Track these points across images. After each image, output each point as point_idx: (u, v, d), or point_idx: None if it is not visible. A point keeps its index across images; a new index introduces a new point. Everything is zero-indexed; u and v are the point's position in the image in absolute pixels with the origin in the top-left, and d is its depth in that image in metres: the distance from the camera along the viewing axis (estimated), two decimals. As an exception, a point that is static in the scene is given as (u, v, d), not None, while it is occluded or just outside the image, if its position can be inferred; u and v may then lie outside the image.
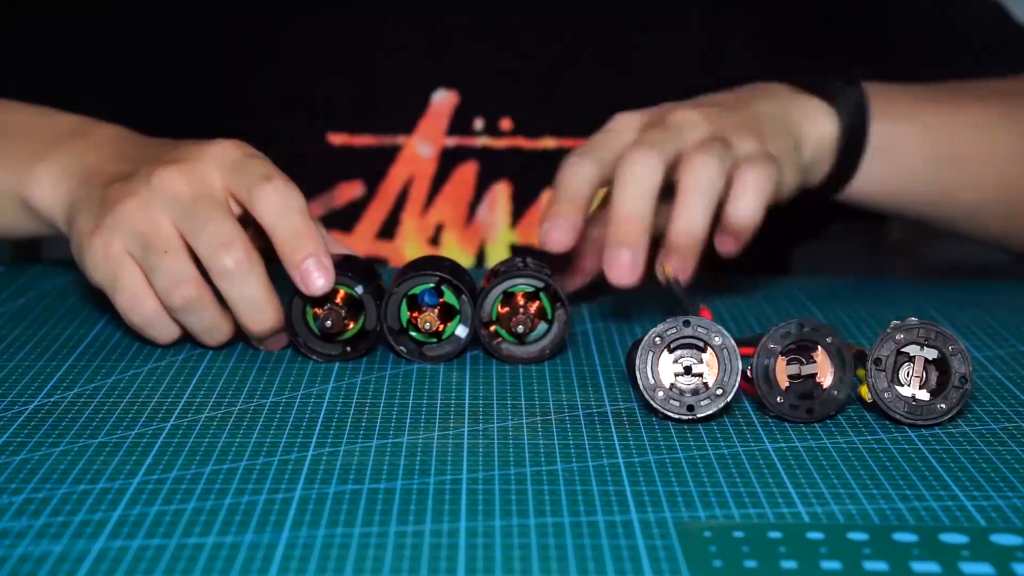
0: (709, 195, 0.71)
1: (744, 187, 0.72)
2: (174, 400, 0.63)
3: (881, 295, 0.83)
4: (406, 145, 0.94)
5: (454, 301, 0.69)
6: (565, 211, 0.71)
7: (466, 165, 0.95)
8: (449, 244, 0.95)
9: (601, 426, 0.61)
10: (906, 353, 0.61)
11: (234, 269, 0.66)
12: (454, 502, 0.52)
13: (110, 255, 0.68)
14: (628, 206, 0.70)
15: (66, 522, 0.50)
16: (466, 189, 0.95)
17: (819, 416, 0.61)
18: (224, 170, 0.68)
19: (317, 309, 0.68)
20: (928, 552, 0.49)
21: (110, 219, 0.68)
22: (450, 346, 0.69)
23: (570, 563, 0.48)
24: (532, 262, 0.70)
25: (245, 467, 0.56)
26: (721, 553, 0.49)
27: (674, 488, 0.54)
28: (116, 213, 0.68)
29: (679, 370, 0.61)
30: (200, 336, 0.69)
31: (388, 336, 0.69)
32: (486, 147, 0.95)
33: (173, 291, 0.67)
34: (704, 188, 0.71)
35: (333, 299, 0.68)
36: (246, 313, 0.67)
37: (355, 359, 0.69)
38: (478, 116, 0.95)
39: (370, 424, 0.61)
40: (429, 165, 0.95)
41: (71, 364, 0.68)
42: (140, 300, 0.68)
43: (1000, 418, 0.62)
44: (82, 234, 0.70)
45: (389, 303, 0.68)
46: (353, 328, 0.69)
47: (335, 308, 0.68)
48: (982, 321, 0.77)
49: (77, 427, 0.60)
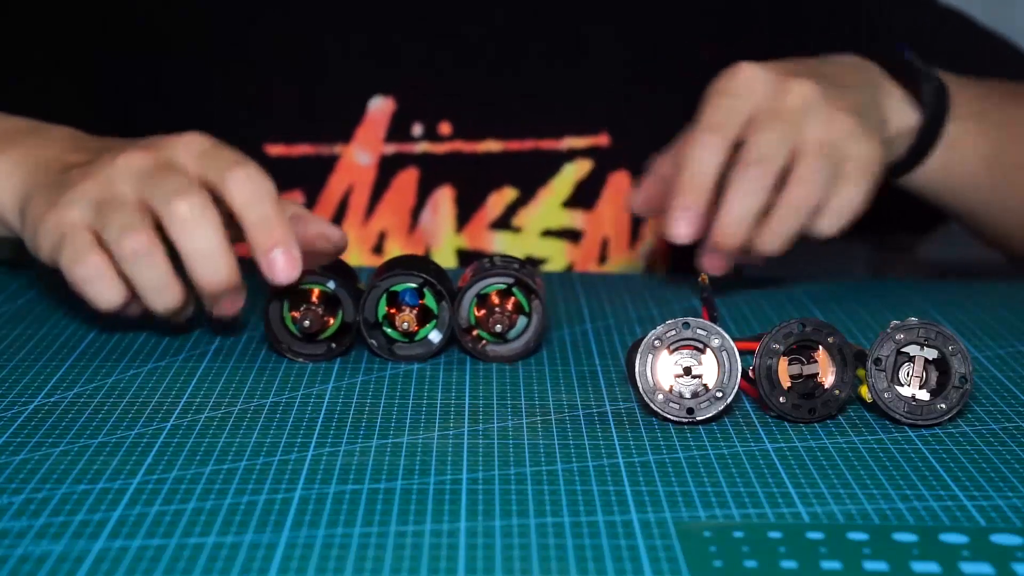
0: (803, 213, 0.74)
1: (840, 205, 0.74)
2: (174, 400, 0.63)
3: (881, 295, 0.83)
4: (344, 154, 0.93)
5: (433, 305, 0.69)
6: (691, 200, 0.73)
7: (406, 172, 0.94)
8: (392, 252, 0.93)
9: (601, 426, 0.61)
10: (906, 353, 0.61)
11: (188, 216, 0.64)
12: (454, 502, 0.52)
13: (61, 223, 0.65)
14: (732, 219, 0.73)
15: (66, 522, 0.50)
16: (407, 196, 0.94)
17: (821, 416, 0.61)
18: (194, 156, 0.66)
19: (294, 312, 0.68)
20: (928, 552, 0.49)
21: (67, 196, 0.66)
22: (421, 348, 0.69)
23: (570, 563, 0.48)
24: (499, 259, 0.70)
25: (245, 467, 0.56)
26: (721, 553, 0.49)
27: (674, 488, 0.54)
28: (74, 191, 0.66)
29: (679, 371, 0.61)
30: (148, 296, 0.66)
31: (362, 328, 0.69)
32: (426, 153, 0.94)
33: (123, 240, 0.64)
34: (800, 209, 0.73)
35: (309, 299, 0.68)
36: (199, 266, 0.65)
37: (341, 355, 0.69)
38: (416, 122, 0.94)
39: (370, 424, 0.61)
40: (368, 173, 0.93)
41: (71, 364, 0.68)
42: (85, 252, 0.65)
43: (1000, 418, 0.62)
44: (36, 216, 0.67)
45: (370, 295, 0.68)
46: (333, 325, 0.69)
47: (311, 308, 0.68)
48: (982, 321, 0.77)
49: (77, 427, 0.60)
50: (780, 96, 0.75)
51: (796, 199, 0.73)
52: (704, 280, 0.70)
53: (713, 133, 0.74)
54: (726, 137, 0.74)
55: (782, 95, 0.75)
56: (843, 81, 0.78)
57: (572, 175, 0.95)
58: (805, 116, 0.74)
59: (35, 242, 0.67)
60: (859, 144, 0.75)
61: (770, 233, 0.74)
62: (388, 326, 0.69)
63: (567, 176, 0.95)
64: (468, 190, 0.94)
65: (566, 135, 0.95)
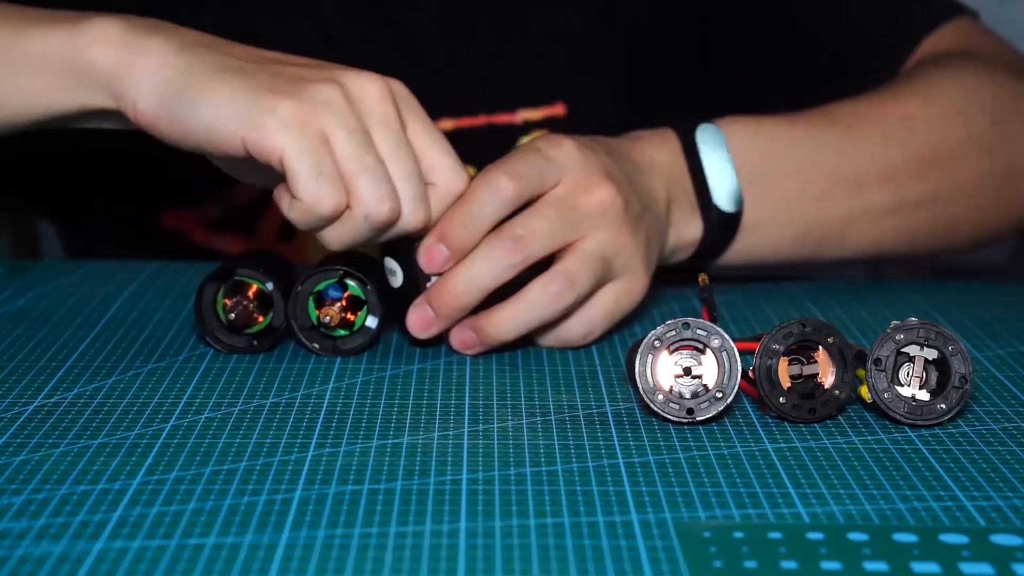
0: (544, 310, 0.69)
1: (592, 315, 0.70)
2: (174, 401, 0.63)
3: (881, 295, 0.83)
4: None
5: (359, 292, 0.69)
6: (453, 235, 0.68)
7: None
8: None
9: (601, 426, 0.61)
10: (906, 353, 0.61)
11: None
12: (454, 502, 0.52)
13: (306, 117, 0.65)
14: (460, 279, 0.68)
15: (66, 523, 0.50)
16: None
17: (821, 416, 0.61)
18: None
19: (227, 300, 0.69)
20: (928, 552, 0.49)
21: (310, 94, 0.66)
22: (362, 337, 0.69)
23: (570, 563, 0.48)
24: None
25: (245, 468, 0.56)
26: (721, 553, 0.49)
27: (674, 488, 0.54)
28: (317, 91, 0.66)
29: (679, 372, 0.61)
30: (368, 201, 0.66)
31: (300, 334, 0.69)
32: None
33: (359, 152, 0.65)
34: (543, 306, 0.69)
35: (244, 292, 0.69)
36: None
37: (264, 351, 0.69)
38: None
39: (370, 424, 0.61)
40: None
41: (71, 365, 0.68)
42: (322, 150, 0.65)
43: (1000, 418, 0.62)
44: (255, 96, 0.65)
45: (297, 302, 0.69)
46: (261, 323, 0.69)
47: (244, 302, 0.69)
48: (982, 321, 0.77)
49: (77, 428, 0.60)
50: (582, 191, 0.69)
51: (542, 293, 0.68)
52: (704, 280, 0.70)
53: (512, 180, 0.68)
54: (521, 194, 0.68)
55: (584, 192, 0.69)
56: (647, 193, 0.73)
57: None
58: (593, 222, 0.69)
59: (248, 120, 0.66)
60: (629, 275, 0.71)
61: (502, 317, 0.69)
62: (324, 327, 0.69)
63: None
64: None
65: (520, 107, 0.93)
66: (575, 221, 0.69)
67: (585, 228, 0.69)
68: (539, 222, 0.68)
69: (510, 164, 0.69)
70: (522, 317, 0.69)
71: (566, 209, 0.69)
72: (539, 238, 0.68)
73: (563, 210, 0.69)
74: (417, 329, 0.69)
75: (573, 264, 0.69)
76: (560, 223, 0.69)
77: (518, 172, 0.69)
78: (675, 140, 0.77)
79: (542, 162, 0.69)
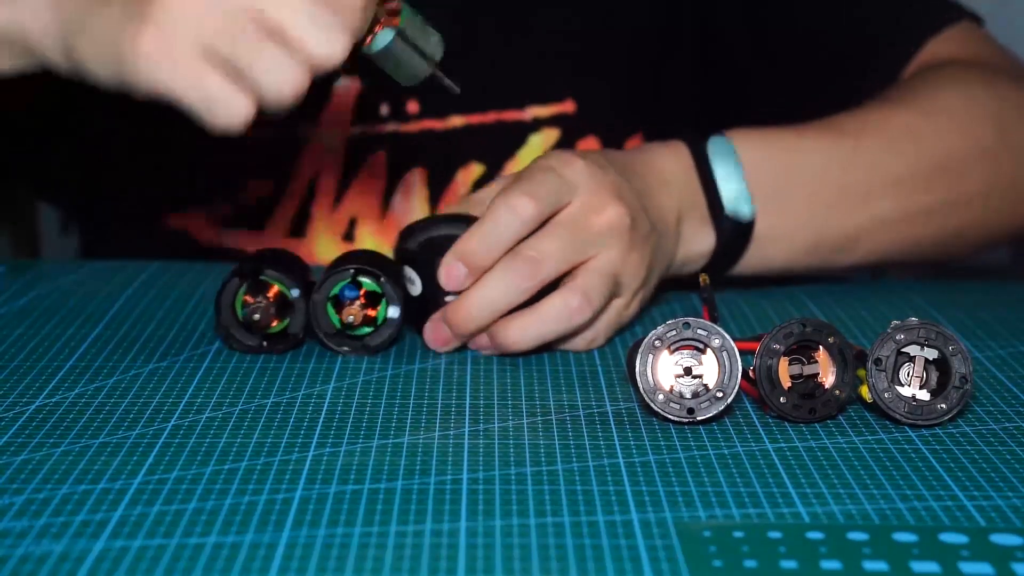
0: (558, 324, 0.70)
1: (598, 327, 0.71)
2: (175, 401, 0.63)
3: (881, 295, 0.83)
4: (311, 137, 0.92)
5: (374, 286, 0.69)
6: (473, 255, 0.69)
7: (376, 153, 0.92)
8: (364, 238, 0.92)
9: (601, 426, 0.61)
10: (906, 353, 0.61)
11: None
12: (454, 502, 0.52)
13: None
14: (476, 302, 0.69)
15: (67, 522, 0.50)
16: (378, 178, 0.92)
17: (821, 416, 0.61)
18: None
19: (248, 297, 0.69)
20: (928, 552, 0.49)
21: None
22: (388, 329, 0.69)
23: (570, 563, 0.48)
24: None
25: (246, 467, 0.56)
26: (721, 553, 0.49)
27: (674, 488, 0.54)
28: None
29: (679, 371, 0.61)
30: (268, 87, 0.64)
31: (327, 341, 0.69)
32: (395, 132, 0.92)
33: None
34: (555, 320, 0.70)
35: (265, 293, 0.69)
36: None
37: (275, 353, 0.69)
38: (383, 101, 0.92)
39: (370, 424, 0.61)
40: (336, 156, 0.92)
41: (72, 364, 0.68)
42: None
43: (1000, 418, 0.62)
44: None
45: (316, 310, 0.69)
46: (277, 326, 0.69)
47: (265, 303, 0.68)
48: (982, 321, 0.77)
49: (78, 427, 0.60)
50: (594, 211, 0.70)
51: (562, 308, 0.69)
52: (704, 280, 0.70)
53: (532, 202, 0.69)
54: (541, 215, 0.69)
55: (595, 212, 0.70)
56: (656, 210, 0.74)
57: (539, 146, 0.94)
58: (603, 241, 0.70)
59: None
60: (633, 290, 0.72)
61: (519, 328, 0.69)
62: (348, 328, 0.69)
63: (534, 147, 0.94)
64: (438, 169, 0.93)
65: (530, 104, 0.94)
66: (586, 242, 0.70)
67: (595, 248, 0.70)
68: (553, 244, 0.69)
69: (529, 185, 0.70)
70: (538, 330, 0.70)
71: (578, 230, 0.70)
72: (552, 261, 0.69)
73: (575, 231, 0.70)
74: (436, 345, 0.71)
75: (590, 281, 0.70)
76: (572, 245, 0.70)
77: (537, 193, 0.70)
78: (686, 152, 0.78)
79: (557, 181, 0.70)
